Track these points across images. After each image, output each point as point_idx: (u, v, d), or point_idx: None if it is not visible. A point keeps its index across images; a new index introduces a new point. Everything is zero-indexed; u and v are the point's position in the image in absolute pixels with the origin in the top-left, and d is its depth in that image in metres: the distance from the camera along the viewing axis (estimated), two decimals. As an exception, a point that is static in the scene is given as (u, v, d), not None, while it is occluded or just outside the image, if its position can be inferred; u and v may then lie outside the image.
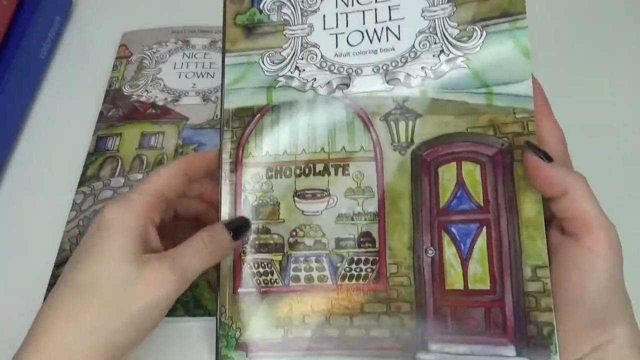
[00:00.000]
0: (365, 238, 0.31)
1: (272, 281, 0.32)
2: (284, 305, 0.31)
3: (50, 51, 0.50)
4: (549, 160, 0.27)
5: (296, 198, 0.33)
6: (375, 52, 0.33)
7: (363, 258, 0.31)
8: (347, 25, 0.34)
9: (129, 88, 0.48)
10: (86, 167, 0.43)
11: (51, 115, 0.47)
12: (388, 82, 0.32)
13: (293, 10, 0.36)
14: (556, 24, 0.49)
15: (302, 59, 0.34)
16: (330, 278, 0.31)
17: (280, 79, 0.34)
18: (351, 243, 0.31)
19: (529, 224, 0.28)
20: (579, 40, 0.49)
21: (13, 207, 0.42)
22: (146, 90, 0.48)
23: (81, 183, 0.42)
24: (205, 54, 0.50)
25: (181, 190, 0.31)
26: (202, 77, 0.48)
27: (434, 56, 0.32)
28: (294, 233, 0.32)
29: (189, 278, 0.28)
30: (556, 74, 0.38)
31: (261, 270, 0.32)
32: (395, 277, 0.30)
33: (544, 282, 0.27)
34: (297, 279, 0.32)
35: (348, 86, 0.33)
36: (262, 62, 0.35)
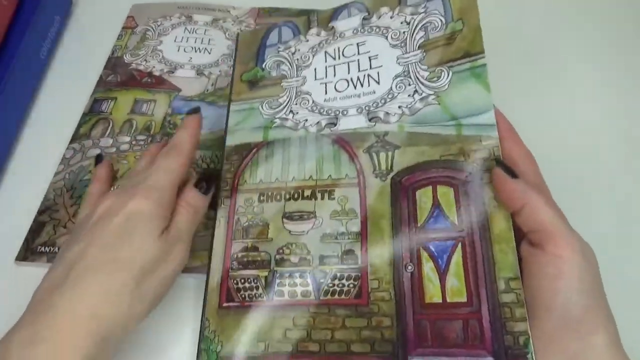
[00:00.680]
0: (348, 255, 0.33)
1: (257, 296, 0.34)
2: (267, 319, 0.33)
3: (50, 51, 0.50)
4: (514, 176, 0.30)
5: (284, 219, 0.35)
6: (358, 96, 0.38)
7: (346, 274, 0.33)
8: (335, 75, 0.40)
9: (130, 57, 0.50)
10: (79, 126, 0.45)
11: (51, 115, 0.47)
12: (370, 120, 0.36)
13: (290, 66, 0.42)
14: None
15: (296, 104, 0.40)
16: (313, 293, 0.33)
17: (276, 120, 0.40)
18: (335, 260, 0.33)
19: (500, 239, 0.30)
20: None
21: (13, 207, 0.43)
22: (145, 60, 0.50)
23: (72, 140, 0.45)
24: (205, 30, 0.52)
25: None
26: (199, 52, 0.50)
27: (409, 96, 0.36)
28: (281, 251, 0.34)
29: (185, 240, 0.33)
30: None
31: (247, 285, 0.34)
32: (376, 292, 0.32)
33: (517, 293, 0.28)
34: (281, 294, 0.33)
35: (335, 125, 0.37)
36: (262, 107, 0.41)
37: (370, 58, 0.39)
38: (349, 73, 0.39)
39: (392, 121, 0.36)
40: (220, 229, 0.37)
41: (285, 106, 0.40)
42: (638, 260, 0.39)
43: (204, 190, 0.35)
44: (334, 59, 0.40)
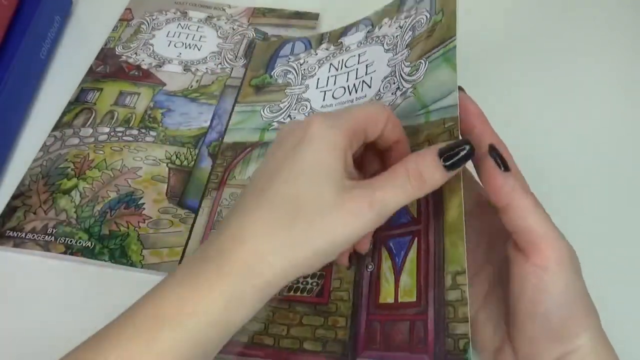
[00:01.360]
0: None
1: None
2: None
3: (50, 51, 0.51)
4: (506, 169, 0.27)
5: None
6: (352, 101, 0.40)
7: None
8: (335, 83, 0.42)
9: (121, 49, 0.51)
10: (63, 114, 0.46)
11: (51, 115, 0.47)
12: None
13: (296, 75, 0.45)
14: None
15: (295, 110, 0.42)
16: None
17: (274, 123, 0.42)
18: None
19: (452, 229, 0.27)
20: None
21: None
22: (136, 52, 0.51)
23: (55, 128, 0.45)
24: (198, 27, 0.53)
25: (379, 131, 0.29)
26: (189, 49, 0.51)
27: (392, 94, 0.35)
28: None
29: (385, 215, 0.25)
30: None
31: None
32: (337, 292, 0.31)
33: (462, 290, 0.26)
34: None
35: None
36: (263, 111, 0.44)
37: (367, 66, 0.40)
38: (347, 81, 0.41)
39: None
40: (202, 218, 0.39)
41: (284, 111, 0.43)
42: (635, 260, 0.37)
43: (449, 164, 0.26)
44: (337, 70, 0.43)
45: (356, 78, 0.40)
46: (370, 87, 0.39)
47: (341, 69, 0.42)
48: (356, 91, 0.40)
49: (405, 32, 0.38)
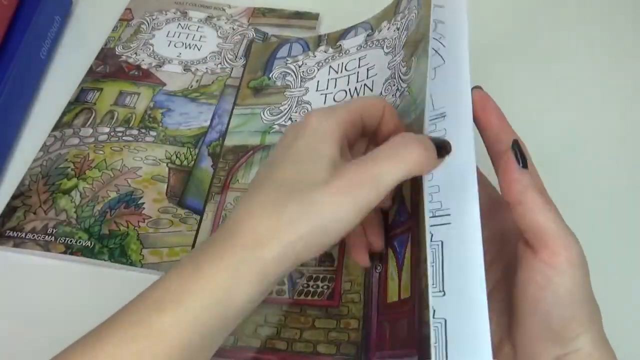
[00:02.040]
0: (325, 257, 0.34)
1: None
2: None
3: (50, 51, 0.51)
4: (524, 166, 0.27)
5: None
6: None
7: (321, 276, 0.33)
8: (335, 86, 0.42)
9: (122, 49, 0.51)
10: (63, 114, 0.46)
11: (51, 115, 0.47)
12: None
13: (295, 78, 0.45)
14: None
15: (296, 112, 0.42)
16: (287, 292, 0.33)
17: (275, 126, 0.42)
18: (312, 262, 0.34)
19: (423, 215, 0.26)
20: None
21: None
22: (136, 52, 0.51)
23: (55, 128, 0.45)
24: (198, 27, 0.53)
25: (376, 120, 0.30)
26: (189, 49, 0.51)
27: (393, 95, 0.35)
28: None
29: (380, 189, 0.25)
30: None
31: None
32: (348, 294, 0.32)
33: (426, 275, 0.24)
34: None
35: None
36: (263, 114, 0.43)
37: (368, 69, 0.41)
38: (348, 84, 0.41)
39: None
40: (206, 222, 0.39)
41: (285, 114, 0.43)
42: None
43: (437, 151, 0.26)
44: (337, 73, 0.43)
45: (357, 81, 0.41)
46: (372, 90, 0.39)
47: (341, 72, 0.42)
48: (357, 94, 0.40)
49: (401, 33, 0.38)
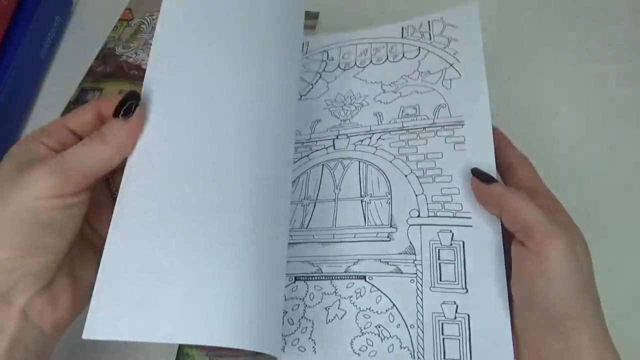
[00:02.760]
0: None
1: None
2: None
3: (50, 51, 0.51)
4: (490, 182, 0.30)
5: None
6: None
7: None
8: None
9: (122, 49, 0.51)
10: (62, 114, 0.46)
11: (51, 115, 0.46)
12: None
13: None
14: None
15: None
16: None
17: None
18: None
19: None
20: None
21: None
22: (136, 52, 0.50)
23: None
24: None
25: (92, 127, 0.31)
26: None
27: None
28: None
29: (70, 175, 0.27)
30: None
31: None
32: None
33: None
34: None
35: None
36: None
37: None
38: None
39: None
40: None
41: None
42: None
43: (122, 112, 0.29)
44: None
45: None
46: None
47: None
48: None
49: None
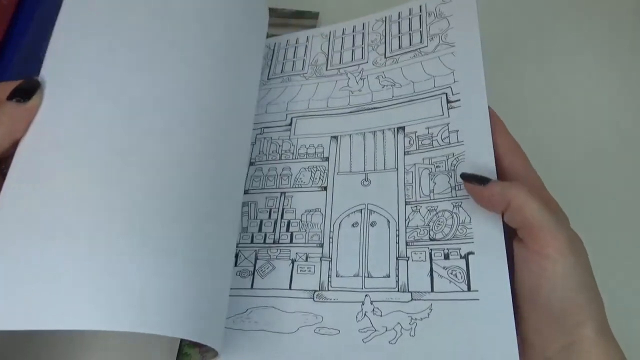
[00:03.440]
0: None
1: None
2: None
3: None
4: (484, 182, 0.29)
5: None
6: None
7: None
8: None
9: None
10: None
11: None
12: None
13: None
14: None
15: None
16: None
17: None
18: None
19: None
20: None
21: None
22: None
23: None
24: None
25: None
26: None
27: None
28: None
29: None
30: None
31: None
32: None
33: None
34: None
35: None
36: None
37: None
38: None
39: None
40: None
41: None
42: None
43: (22, 99, 0.29)
44: None
45: None
46: None
47: None
48: None
49: None
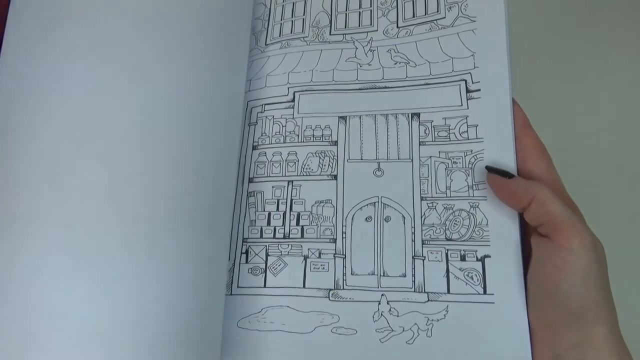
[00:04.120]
0: None
1: None
2: None
3: None
4: (510, 176, 0.29)
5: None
6: None
7: None
8: None
9: None
10: None
11: None
12: None
13: None
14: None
15: None
16: None
17: None
18: None
19: None
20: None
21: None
22: None
23: None
24: None
25: None
26: None
27: None
28: None
29: None
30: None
31: None
32: None
33: None
34: None
35: None
36: None
37: None
38: None
39: None
40: None
41: None
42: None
43: None
44: None
45: None
46: None
47: None
48: None
49: None
